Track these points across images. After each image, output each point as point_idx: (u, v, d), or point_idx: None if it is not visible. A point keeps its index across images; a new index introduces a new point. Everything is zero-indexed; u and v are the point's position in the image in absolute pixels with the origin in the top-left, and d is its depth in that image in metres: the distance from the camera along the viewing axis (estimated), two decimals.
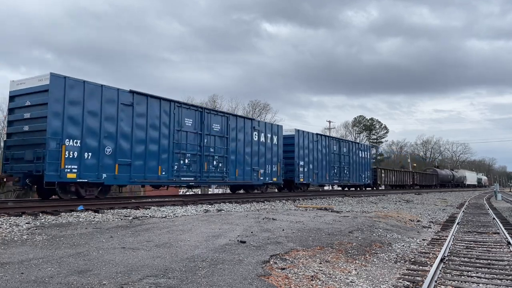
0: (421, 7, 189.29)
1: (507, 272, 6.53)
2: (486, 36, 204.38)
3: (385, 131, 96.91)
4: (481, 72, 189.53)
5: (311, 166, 26.50)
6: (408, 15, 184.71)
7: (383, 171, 42.93)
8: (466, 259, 7.46)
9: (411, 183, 51.01)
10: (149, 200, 15.29)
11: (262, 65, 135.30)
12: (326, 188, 39.01)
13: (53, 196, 14.17)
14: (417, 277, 6.06)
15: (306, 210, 14.71)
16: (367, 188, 38.78)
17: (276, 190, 26.43)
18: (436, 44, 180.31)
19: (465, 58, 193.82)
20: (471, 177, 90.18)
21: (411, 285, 5.70)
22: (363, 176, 35.12)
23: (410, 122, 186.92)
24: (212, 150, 18.32)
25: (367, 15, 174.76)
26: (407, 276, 6.16)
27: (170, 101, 16.34)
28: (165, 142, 15.96)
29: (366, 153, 36.24)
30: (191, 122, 17.31)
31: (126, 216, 10.44)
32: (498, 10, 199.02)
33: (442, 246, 8.60)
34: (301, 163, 25.44)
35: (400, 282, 5.83)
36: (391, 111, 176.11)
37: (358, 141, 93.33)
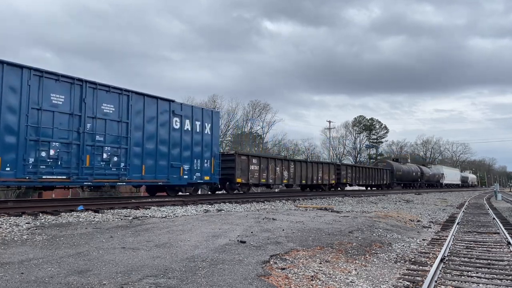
0: (424, 4, 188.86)
1: (507, 272, 6.53)
2: (489, 35, 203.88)
3: (385, 131, 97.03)
4: (484, 71, 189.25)
5: None
6: (411, 13, 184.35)
7: (254, 161, 22.56)
8: (466, 259, 7.45)
9: (333, 182, 32.05)
10: (149, 200, 15.29)
11: (263, 64, 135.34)
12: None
13: None
14: (417, 277, 6.05)
15: (306, 210, 14.72)
16: (219, 191, 23.57)
17: None
18: (438, 42, 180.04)
19: (468, 56, 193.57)
20: (451, 175, 72.90)
21: (411, 285, 5.70)
22: (189, 167, 17.43)
23: (411, 122, 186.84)
24: None
25: (369, 13, 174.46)
26: (407, 276, 6.16)
27: None
28: None
29: (200, 123, 18.02)
30: None
31: (126, 216, 10.44)
32: (502, 8, 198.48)
33: (442, 246, 8.60)
34: None
35: (400, 282, 5.83)
36: (392, 110, 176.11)
37: (358, 142, 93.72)
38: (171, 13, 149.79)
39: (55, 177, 12.60)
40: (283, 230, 8.87)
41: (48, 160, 12.45)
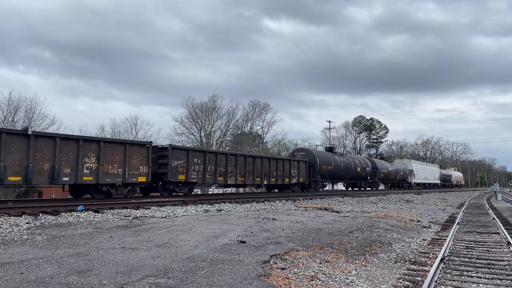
0: (426, 2, 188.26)
1: (507, 272, 6.53)
2: (492, 33, 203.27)
3: (385, 131, 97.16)
4: (486, 70, 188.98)
5: None
6: (414, 11, 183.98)
7: None
8: (466, 259, 7.45)
9: (142, 179, 16.54)
10: (149, 200, 15.29)
11: (264, 63, 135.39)
12: None
13: None
14: (417, 277, 6.05)
15: (306, 210, 14.71)
16: None
17: None
18: (441, 41, 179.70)
19: (470, 55, 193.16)
20: (425, 172, 57.11)
21: (411, 285, 5.70)
22: None
23: (412, 122, 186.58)
24: None
25: (372, 10, 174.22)
26: (407, 276, 6.16)
27: None
28: None
29: None
30: None
31: (126, 216, 10.44)
32: (505, 6, 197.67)
33: (442, 246, 8.60)
34: None
35: (400, 282, 5.82)
36: (393, 110, 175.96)
37: (358, 142, 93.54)
38: (170, 12, 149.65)
39: None
40: (283, 230, 8.86)
41: None
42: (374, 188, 40.32)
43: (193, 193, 29.23)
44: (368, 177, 38.79)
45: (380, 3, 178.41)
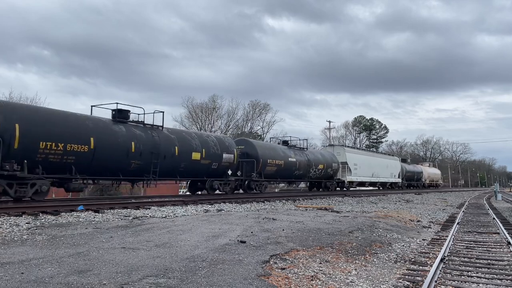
0: None
1: (507, 272, 6.53)
2: (496, 31, 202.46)
3: (385, 131, 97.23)
4: (488, 69, 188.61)
5: None
6: (417, 8, 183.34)
7: None
8: (466, 259, 7.45)
9: None
10: (149, 200, 15.30)
11: (265, 61, 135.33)
12: None
13: None
14: (417, 277, 6.05)
15: (306, 210, 14.72)
16: None
17: None
18: (444, 39, 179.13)
19: (473, 54, 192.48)
20: (374, 167, 39.28)
21: (411, 285, 5.70)
22: None
23: (413, 122, 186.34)
24: None
25: (374, 8, 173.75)
26: (407, 276, 6.15)
27: None
28: None
29: None
30: None
31: (126, 216, 10.45)
32: (509, 3, 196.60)
33: (442, 246, 8.60)
34: None
35: (400, 282, 5.82)
36: (394, 110, 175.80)
37: (358, 142, 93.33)
38: (170, 10, 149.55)
39: None
40: (283, 230, 8.86)
41: None
42: (256, 190, 23.73)
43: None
44: (230, 172, 21.83)
45: (382, 0, 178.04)
